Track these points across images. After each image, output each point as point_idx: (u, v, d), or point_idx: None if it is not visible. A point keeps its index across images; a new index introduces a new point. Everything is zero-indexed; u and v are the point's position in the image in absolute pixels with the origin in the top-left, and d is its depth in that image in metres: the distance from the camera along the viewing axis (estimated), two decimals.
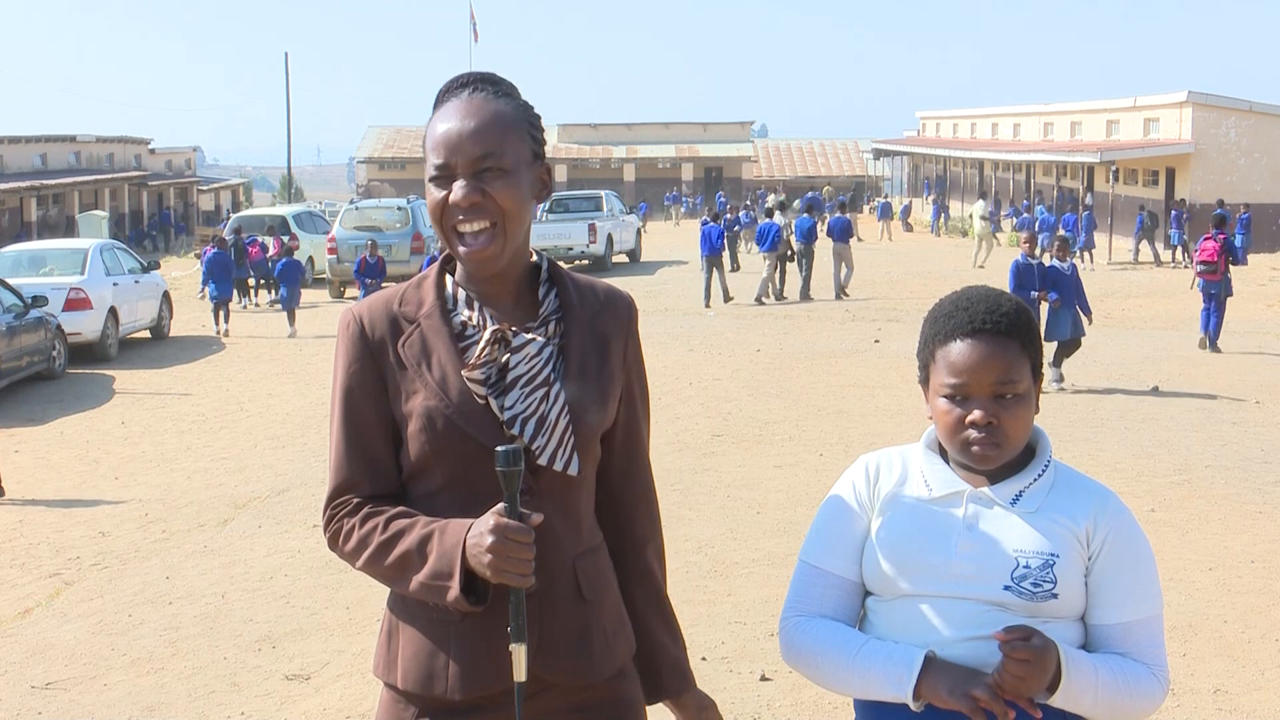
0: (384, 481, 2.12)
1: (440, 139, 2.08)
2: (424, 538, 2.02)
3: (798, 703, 5.13)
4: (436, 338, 2.10)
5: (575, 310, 2.16)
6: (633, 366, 2.24)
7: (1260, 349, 15.88)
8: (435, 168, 2.08)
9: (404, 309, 2.13)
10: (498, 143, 2.06)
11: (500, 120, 2.09)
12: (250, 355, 17.44)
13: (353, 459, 2.12)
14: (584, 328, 2.15)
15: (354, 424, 2.12)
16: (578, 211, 30.49)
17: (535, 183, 2.13)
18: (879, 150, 61.65)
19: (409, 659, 2.10)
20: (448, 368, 2.07)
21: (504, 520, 1.93)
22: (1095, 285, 24.65)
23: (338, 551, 2.14)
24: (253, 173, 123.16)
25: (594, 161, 66.04)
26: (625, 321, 2.22)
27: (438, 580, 1.99)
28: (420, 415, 2.06)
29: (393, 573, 2.06)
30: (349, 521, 2.10)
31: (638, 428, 2.26)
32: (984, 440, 2.11)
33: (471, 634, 2.06)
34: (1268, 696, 5.21)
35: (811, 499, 7.90)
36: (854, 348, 16.33)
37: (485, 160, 2.05)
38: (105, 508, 9.02)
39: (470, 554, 1.95)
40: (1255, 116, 34.64)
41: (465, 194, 2.04)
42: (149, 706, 5.37)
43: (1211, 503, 8.30)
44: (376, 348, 2.11)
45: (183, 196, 56.04)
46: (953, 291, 2.26)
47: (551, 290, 2.18)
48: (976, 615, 2.09)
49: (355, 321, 2.14)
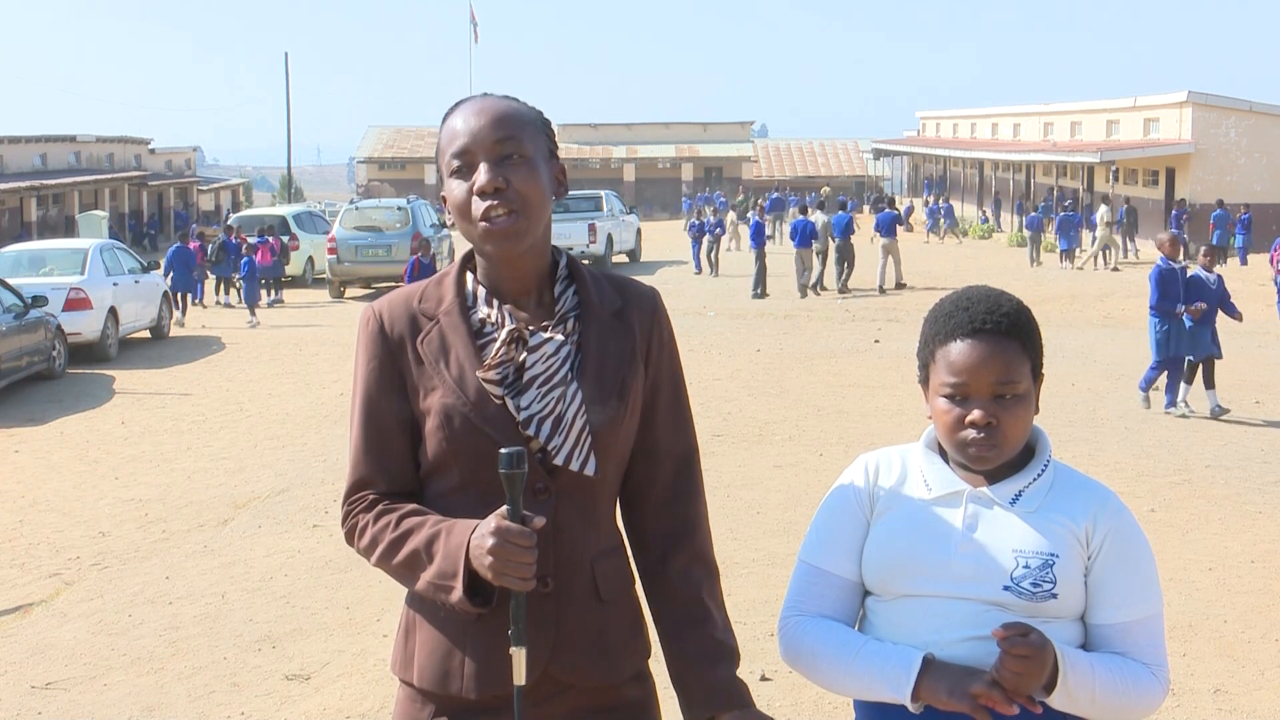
0: (401, 479, 2.12)
1: (460, 130, 2.07)
2: (431, 537, 2.02)
3: (798, 703, 5.13)
4: (455, 334, 2.09)
5: (594, 308, 2.14)
6: (660, 363, 2.19)
7: (1260, 349, 15.87)
8: (455, 157, 2.06)
9: (424, 306, 2.13)
10: (517, 130, 2.07)
11: (518, 113, 2.10)
12: (250, 355, 17.44)
13: (370, 456, 2.12)
14: (603, 325, 2.13)
15: (372, 421, 2.12)
16: (578, 211, 30.47)
17: (553, 179, 2.13)
18: (879, 150, 61.67)
19: (425, 657, 2.10)
20: (465, 365, 2.07)
21: (505, 523, 1.92)
22: (1095, 285, 24.67)
23: (354, 547, 2.14)
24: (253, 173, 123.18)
25: (594, 161, 66.02)
26: (648, 316, 2.18)
27: (442, 580, 1.99)
28: (438, 413, 2.06)
29: (402, 571, 2.06)
30: (364, 518, 2.10)
31: (667, 427, 2.20)
32: (983, 440, 2.11)
33: (487, 634, 2.05)
34: (1268, 696, 5.21)
35: (811, 499, 7.90)
36: (854, 348, 16.33)
37: (507, 145, 2.04)
38: (105, 508, 9.02)
39: (473, 555, 1.95)
40: (1255, 116, 34.64)
41: (489, 178, 2.02)
42: (149, 706, 5.37)
43: (1211, 503, 8.30)
44: (396, 345, 2.11)
45: (183, 196, 56.01)
46: (953, 291, 2.26)
47: (570, 287, 2.16)
48: (976, 615, 2.08)
49: (375, 318, 2.13)
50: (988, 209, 46.81)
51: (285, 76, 55.72)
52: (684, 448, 2.22)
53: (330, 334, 19.19)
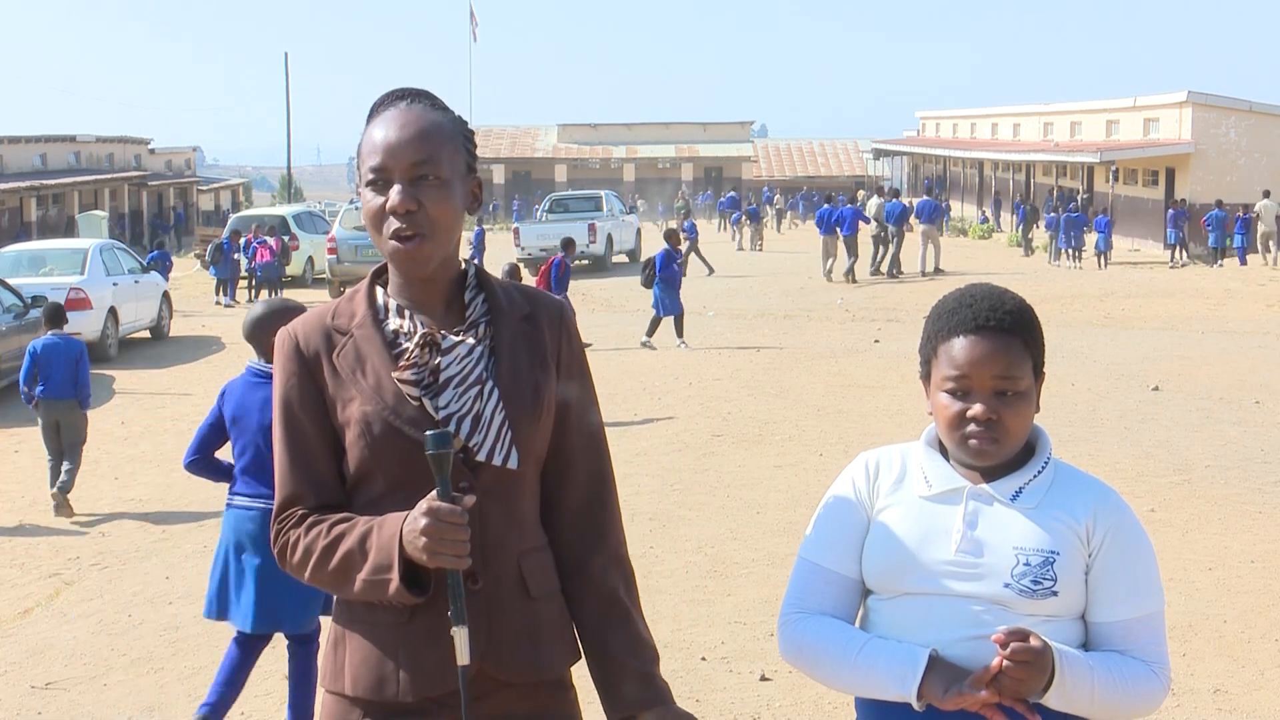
0: (328, 493, 2.14)
1: (379, 144, 2.11)
2: (364, 535, 2.04)
3: (798, 703, 5.12)
4: (369, 345, 2.13)
5: (504, 313, 2.19)
6: (570, 368, 2.23)
7: (1260, 349, 15.87)
8: (372, 171, 2.11)
9: (337, 322, 2.17)
10: (435, 151, 2.10)
11: (438, 130, 2.13)
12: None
13: (295, 473, 2.14)
14: (514, 329, 2.18)
15: (294, 438, 2.14)
16: (578, 211, 30.47)
17: (467, 195, 2.16)
18: (879, 150, 61.63)
19: (358, 665, 2.12)
20: (381, 373, 2.10)
21: (436, 503, 1.96)
22: (1095, 285, 24.67)
23: (286, 566, 2.15)
24: (253, 173, 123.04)
25: (594, 161, 66.01)
26: (556, 322, 2.23)
27: (379, 575, 2.01)
28: (358, 421, 2.09)
29: (338, 576, 2.07)
30: (294, 533, 2.12)
31: (580, 434, 2.23)
32: (983, 435, 2.11)
33: (420, 636, 2.07)
34: (1268, 696, 5.21)
35: (811, 499, 7.89)
36: (854, 348, 16.32)
37: (422, 167, 2.09)
38: (105, 508, 9.02)
39: (406, 540, 1.97)
40: (1255, 116, 34.62)
41: (401, 200, 2.07)
42: (149, 706, 5.37)
43: (1211, 503, 8.30)
44: (312, 362, 2.14)
45: (183, 196, 55.99)
46: (956, 288, 2.26)
47: (479, 295, 2.21)
48: (976, 613, 2.08)
49: (290, 338, 2.17)
50: (987, 209, 46.81)
51: (285, 76, 55.72)
52: (597, 459, 2.26)
53: None
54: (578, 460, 2.23)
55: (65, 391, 9.04)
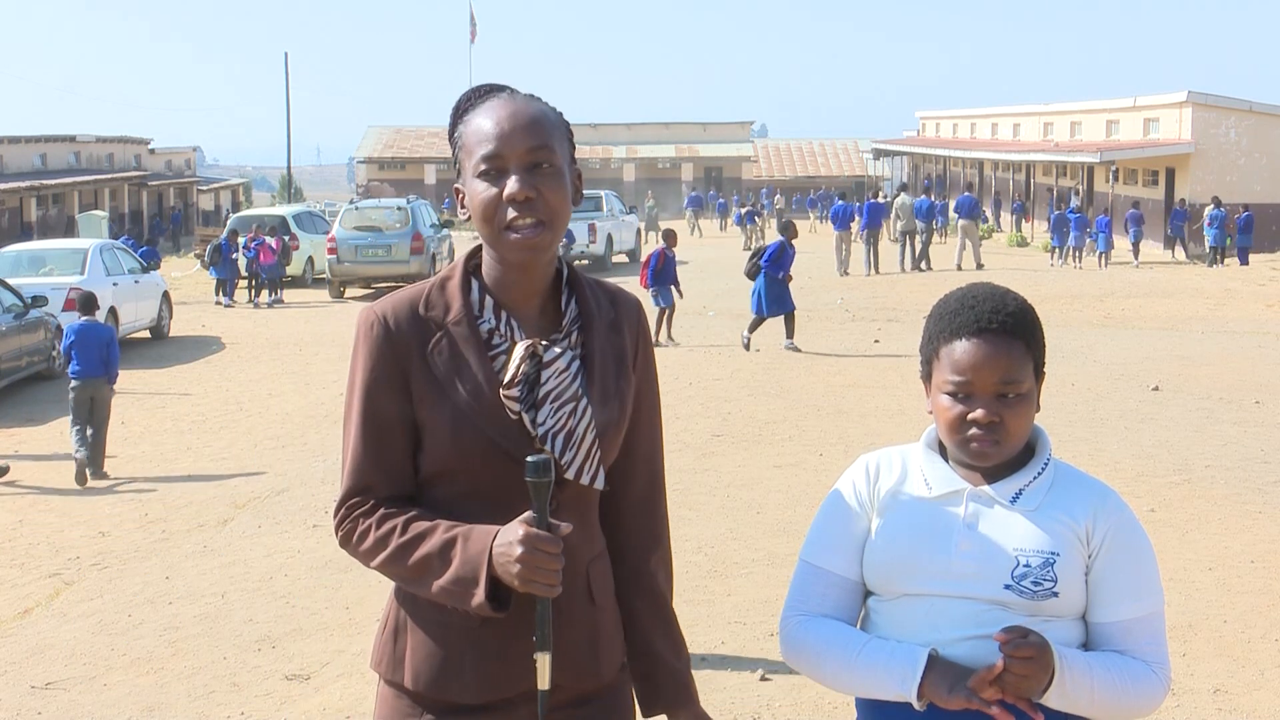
0: (401, 483, 2.11)
1: (490, 133, 2.04)
2: (446, 543, 2.01)
3: (798, 703, 5.12)
4: (467, 346, 2.08)
5: (594, 319, 2.16)
6: (643, 372, 2.23)
7: (1260, 349, 15.87)
8: (485, 160, 2.04)
9: (431, 313, 2.10)
10: (548, 138, 2.06)
11: (547, 119, 2.09)
12: (250, 355, 17.43)
13: (371, 460, 2.09)
14: (603, 337, 2.15)
15: (375, 425, 2.09)
16: (578, 211, 30.43)
17: (573, 187, 2.13)
18: (879, 150, 61.61)
19: (421, 660, 2.09)
20: (479, 378, 2.06)
21: (534, 531, 1.92)
22: (1095, 285, 24.67)
23: (350, 550, 2.12)
24: (253, 173, 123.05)
25: (594, 161, 65.98)
26: (635, 326, 2.22)
27: (461, 586, 1.98)
28: (450, 422, 2.05)
29: (412, 575, 2.04)
30: (364, 522, 2.08)
31: (646, 433, 2.24)
32: (984, 437, 2.11)
33: (489, 638, 2.06)
34: (1268, 696, 5.21)
35: (811, 499, 7.90)
36: (854, 348, 16.32)
37: (539, 153, 2.04)
38: (105, 508, 9.02)
39: (497, 562, 1.95)
40: (1255, 116, 34.62)
41: (521, 187, 2.01)
42: (149, 706, 5.37)
43: (1211, 503, 8.30)
44: (402, 351, 2.08)
45: (183, 196, 56.00)
46: (958, 288, 2.25)
47: (573, 297, 2.17)
48: (977, 614, 2.08)
49: (380, 322, 2.09)
50: (987, 209, 46.81)
51: (285, 77, 55.70)
52: (657, 460, 2.29)
53: (330, 334, 19.19)
54: (640, 462, 2.24)
55: (97, 370, 10.20)
